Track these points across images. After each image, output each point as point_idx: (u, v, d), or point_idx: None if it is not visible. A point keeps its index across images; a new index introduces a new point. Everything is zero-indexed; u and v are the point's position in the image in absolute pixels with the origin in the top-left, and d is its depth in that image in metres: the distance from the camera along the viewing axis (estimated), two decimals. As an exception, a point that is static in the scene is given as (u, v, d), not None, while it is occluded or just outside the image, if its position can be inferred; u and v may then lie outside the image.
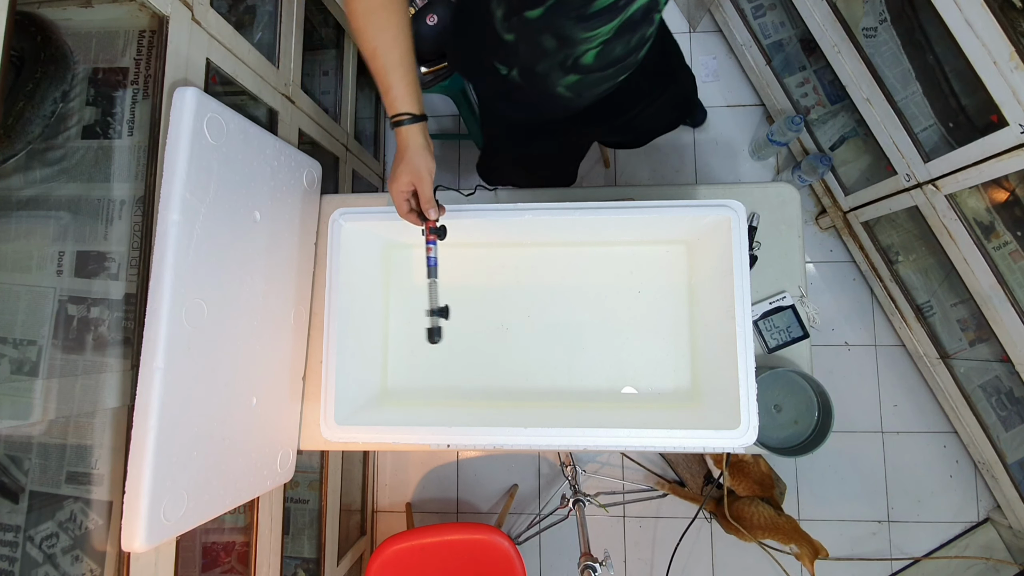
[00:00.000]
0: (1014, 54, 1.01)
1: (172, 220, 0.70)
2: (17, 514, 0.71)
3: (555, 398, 1.00)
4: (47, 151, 0.76)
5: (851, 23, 1.40)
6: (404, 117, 0.74)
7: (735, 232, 0.86)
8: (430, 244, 0.80)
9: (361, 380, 0.98)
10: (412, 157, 0.75)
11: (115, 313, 0.75)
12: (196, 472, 0.74)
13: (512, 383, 1.02)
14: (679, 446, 0.86)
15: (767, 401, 0.98)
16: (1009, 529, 1.59)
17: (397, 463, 1.83)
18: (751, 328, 0.85)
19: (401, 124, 0.74)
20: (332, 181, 1.44)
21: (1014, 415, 1.52)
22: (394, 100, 0.73)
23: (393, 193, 0.78)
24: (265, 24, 1.12)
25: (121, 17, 0.77)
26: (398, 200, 0.78)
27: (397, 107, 0.74)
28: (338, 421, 0.89)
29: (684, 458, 1.70)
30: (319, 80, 1.52)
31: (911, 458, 1.71)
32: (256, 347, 0.87)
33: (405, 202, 0.79)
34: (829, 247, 1.79)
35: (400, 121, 0.74)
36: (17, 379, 0.71)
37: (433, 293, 0.80)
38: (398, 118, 0.74)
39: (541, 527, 1.66)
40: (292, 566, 1.31)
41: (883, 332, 1.75)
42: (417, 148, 0.75)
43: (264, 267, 0.89)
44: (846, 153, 1.67)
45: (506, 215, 0.90)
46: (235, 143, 0.81)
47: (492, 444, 0.88)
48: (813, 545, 1.43)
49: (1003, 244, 1.30)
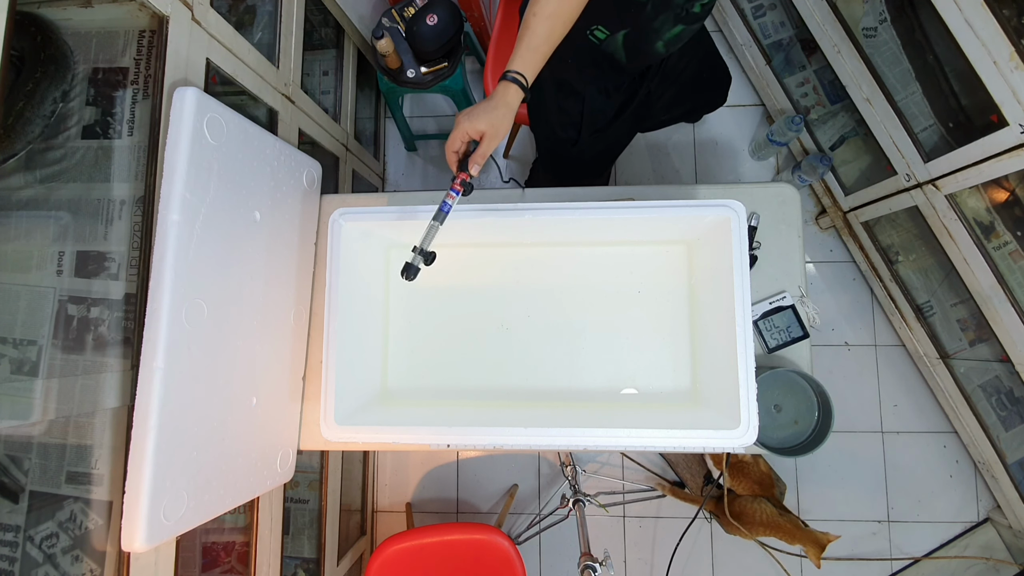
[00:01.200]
0: (1014, 54, 1.01)
1: (172, 220, 0.70)
2: (17, 514, 0.71)
3: (555, 398, 1.00)
4: (47, 151, 0.76)
5: (851, 23, 1.40)
6: (518, 76, 0.76)
7: (735, 232, 0.86)
8: (453, 192, 0.78)
9: (361, 380, 0.98)
10: (503, 114, 0.76)
11: (115, 313, 0.75)
12: (196, 472, 0.74)
13: (512, 383, 1.02)
14: (679, 446, 0.86)
15: (767, 401, 0.98)
16: (1009, 529, 1.59)
17: (397, 463, 1.83)
18: (751, 328, 0.85)
19: (512, 80, 0.76)
20: (332, 181, 1.44)
21: (1014, 415, 1.52)
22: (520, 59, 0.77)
23: (461, 126, 0.77)
24: (265, 24, 1.12)
25: (121, 17, 0.77)
26: (458, 134, 0.77)
27: (517, 65, 0.77)
28: (338, 421, 0.89)
29: (684, 458, 1.70)
30: (319, 80, 1.52)
31: (911, 458, 1.71)
32: (256, 347, 0.87)
33: (462, 142, 0.78)
34: (829, 247, 1.79)
35: (514, 78, 0.76)
36: (17, 379, 0.71)
37: (429, 235, 0.78)
38: (513, 74, 0.76)
39: (541, 527, 1.66)
40: (292, 566, 1.31)
41: (883, 332, 1.75)
42: (510, 108, 0.77)
43: (264, 267, 0.89)
44: (846, 153, 1.67)
45: (506, 215, 0.90)
46: (235, 143, 0.81)
47: (492, 444, 0.88)
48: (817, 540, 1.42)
49: (1003, 244, 1.30)
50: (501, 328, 1.04)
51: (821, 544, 1.42)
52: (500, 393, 1.01)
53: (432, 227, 0.78)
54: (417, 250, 0.78)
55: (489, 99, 0.77)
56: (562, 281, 1.04)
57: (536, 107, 1.18)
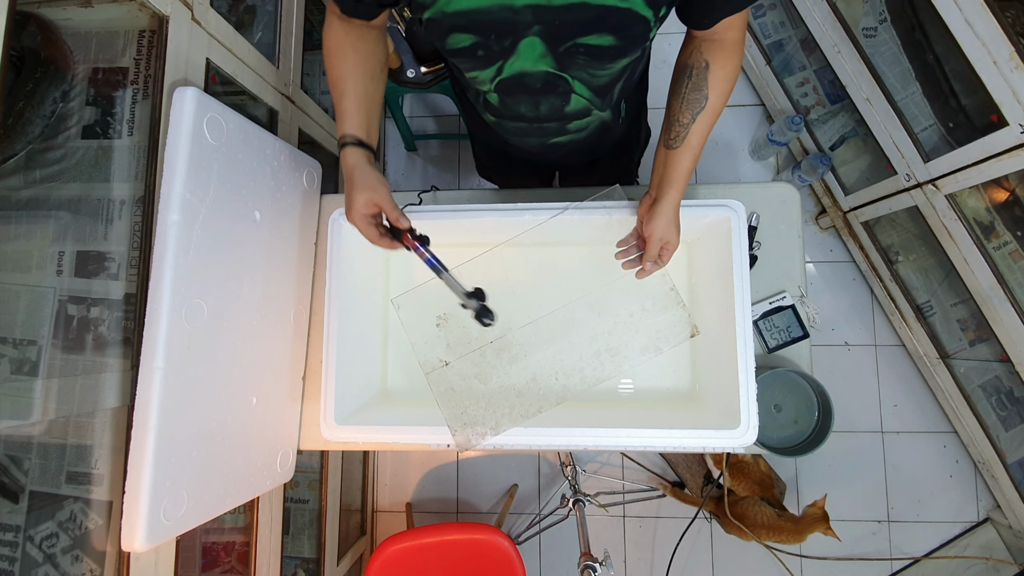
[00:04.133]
0: (1014, 54, 1.01)
1: (172, 220, 0.70)
2: (17, 514, 0.71)
3: (555, 398, 1.00)
4: (47, 151, 0.76)
5: (851, 23, 1.40)
6: (348, 139, 0.72)
7: (735, 232, 0.86)
8: (420, 250, 0.76)
9: (361, 380, 0.98)
10: (363, 175, 0.71)
11: (115, 313, 0.75)
12: (196, 472, 0.74)
13: (512, 383, 1.02)
14: (679, 446, 0.86)
15: (767, 401, 0.98)
16: (1009, 529, 1.59)
17: (397, 463, 1.83)
18: (751, 328, 0.85)
19: (344, 146, 0.72)
20: (332, 181, 1.44)
21: (1014, 415, 1.52)
22: (344, 121, 0.73)
23: (356, 222, 0.73)
24: (265, 24, 1.12)
25: (121, 17, 0.77)
26: (364, 227, 0.73)
27: (343, 127, 0.73)
28: (338, 421, 0.89)
29: (684, 458, 1.70)
30: (319, 80, 1.52)
31: (911, 458, 1.71)
32: (256, 347, 0.87)
33: (373, 227, 0.74)
34: (829, 247, 1.79)
35: (344, 143, 0.72)
36: (17, 379, 0.71)
37: (453, 284, 0.77)
38: (342, 139, 0.73)
39: (541, 527, 1.66)
40: (292, 566, 1.31)
41: (883, 332, 1.75)
42: (365, 166, 0.72)
43: (264, 267, 0.89)
44: (846, 153, 1.67)
45: (505, 215, 0.90)
46: (235, 143, 0.81)
47: (492, 444, 0.88)
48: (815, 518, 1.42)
49: (1003, 244, 1.30)
50: (500, 328, 1.03)
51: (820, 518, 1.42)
52: (500, 393, 1.01)
53: (446, 279, 0.77)
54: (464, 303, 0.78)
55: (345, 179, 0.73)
56: (562, 281, 1.04)
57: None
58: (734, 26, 0.68)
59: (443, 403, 0.91)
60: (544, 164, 1.10)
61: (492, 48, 0.63)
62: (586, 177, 1.11)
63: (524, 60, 0.65)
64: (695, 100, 0.71)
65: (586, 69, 0.68)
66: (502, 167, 1.18)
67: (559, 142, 0.88)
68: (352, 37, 0.73)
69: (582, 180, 1.14)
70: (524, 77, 0.69)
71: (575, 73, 0.69)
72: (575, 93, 0.73)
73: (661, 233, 0.76)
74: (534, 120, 0.80)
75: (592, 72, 0.69)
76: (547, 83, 0.70)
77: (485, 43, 0.63)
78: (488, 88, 0.73)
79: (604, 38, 0.62)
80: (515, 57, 0.65)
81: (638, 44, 0.65)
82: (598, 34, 0.61)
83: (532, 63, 0.66)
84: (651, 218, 0.77)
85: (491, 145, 1.08)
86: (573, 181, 1.20)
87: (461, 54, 0.65)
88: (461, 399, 0.93)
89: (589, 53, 0.64)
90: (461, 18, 0.60)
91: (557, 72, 0.68)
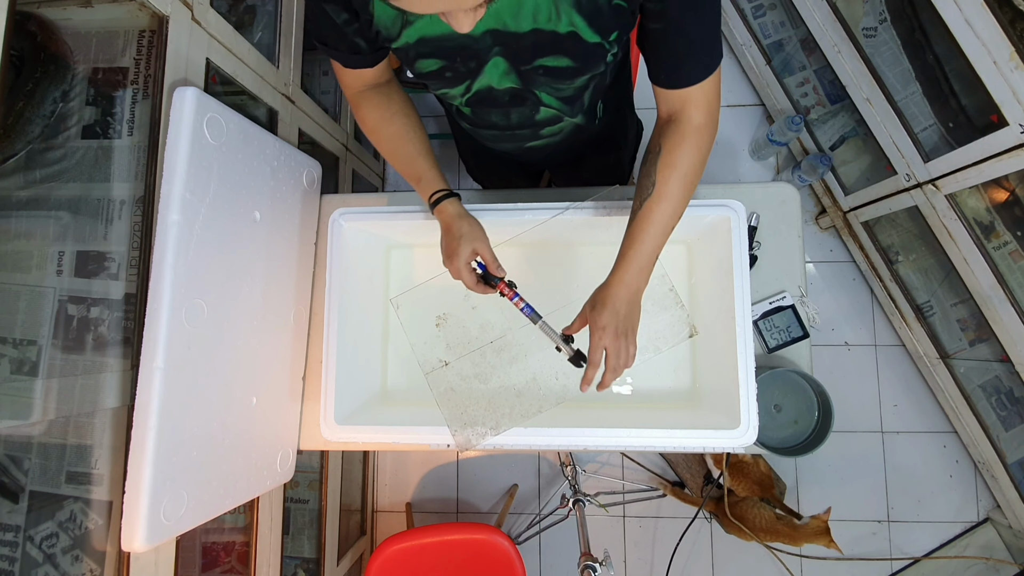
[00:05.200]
0: (1014, 54, 1.01)
1: (172, 220, 0.70)
2: (17, 514, 0.71)
3: (555, 398, 1.00)
4: (47, 151, 0.76)
5: (851, 23, 1.40)
6: (443, 192, 0.76)
7: (735, 232, 0.86)
8: (515, 299, 0.78)
9: (361, 380, 0.99)
10: (464, 226, 0.75)
11: (115, 313, 0.75)
12: (196, 472, 0.74)
13: (512, 383, 1.02)
14: (679, 446, 0.86)
15: (767, 401, 0.98)
16: (1009, 529, 1.59)
17: (397, 463, 1.83)
18: (751, 328, 0.85)
19: (439, 202, 0.76)
20: (332, 181, 1.44)
21: (1014, 415, 1.52)
22: (427, 183, 0.76)
23: (458, 270, 0.75)
24: (265, 24, 1.12)
25: (121, 17, 0.77)
26: (466, 275, 0.75)
27: (429, 189, 0.76)
28: (338, 421, 0.89)
29: (684, 458, 1.70)
30: (319, 80, 1.52)
31: (911, 458, 1.71)
32: (256, 347, 0.87)
33: (472, 273, 0.76)
34: (829, 247, 1.79)
35: (437, 200, 0.76)
36: (17, 379, 0.71)
37: (549, 331, 0.78)
38: (434, 197, 0.76)
39: (541, 527, 1.66)
40: (292, 566, 1.31)
41: (883, 332, 1.75)
42: (463, 216, 0.76)
43: (264, 267, 0.89)
44: (846, 153, 1.67)
45: (506, 215, 0.90)
46: (235, 143, 0.81)
47: (492, 444, 0.88)
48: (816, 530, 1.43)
49: (1003, 244, 1.30)
50: (500, 328, 1.03)
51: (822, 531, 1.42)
52: (500, 393, 1.01)
53: (542, 326, 0.78)
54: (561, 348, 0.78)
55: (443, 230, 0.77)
56: (562, 281, 1.04)
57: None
58: (695, 104, 0.65)
59: (443, 403, 0.91)
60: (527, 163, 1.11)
61: (459, 70, 0.66)
62: (575, 173, 1.11)
63: (490, 77, 0.67)
64: (644, 187, 0.69)
65: (549, 85, 0.69)
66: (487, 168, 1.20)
67: (535, 146, 0.89)
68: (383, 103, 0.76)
69: (571, 177, 1.14)
70: (492, 92, 0.70)
71: (539, 88, 0.70)
72: (543, 105, 0.74)
73: (604, 323, 0.68)
74: (506, 128, 0.81)
75: (555, 87, 0.70)
76: (514, 96, 0.72)
77: (452, 66, 0.65)
78: (460, 102, 0.75)
79: (561, 60, 0.63)
80: (481, 76, 0.67)
81: (596, 64, 0.66)
82: (555, 56, 0.63)
83: (497, 80, 0.68)
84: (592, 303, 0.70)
85: (473, 148, 1.09)
86: (563, 178, 1.20)
87: (430, 76, 0.68)
88: (461, 399, 0.93)
89: (549, 73, 0.66)
90: (425, 46, 0.63)
91: (522, 88, 0.69)
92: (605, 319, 0.68)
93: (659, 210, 0.67)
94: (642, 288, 0.71)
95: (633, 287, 0.69)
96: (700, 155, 0.68)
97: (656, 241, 0.69)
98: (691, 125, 0.67)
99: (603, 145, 1.03)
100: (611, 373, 0.70)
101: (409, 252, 1.10)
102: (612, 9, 0.57)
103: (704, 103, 0.66)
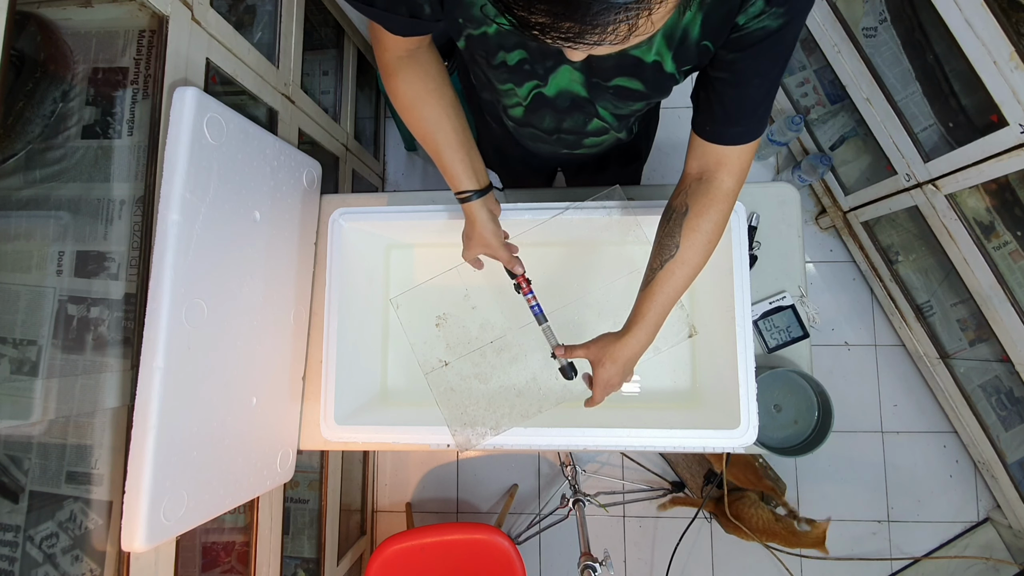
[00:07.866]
0: (1014, 54, 1.01)
1: (172, 220, 0.70)
2: (17, 514, 0.71)
3: (555, 398, 1.00)
4: (47, 151, 0.76)
5: (851, 23, 1.40)
6: (467, 194, 0.77)
7: (735, 232, 0.86)
8: (528, 296, 0.83)
9: (361, 380, 0.99)
10: (481, 231, 0.79)
11: (115, 313, 0.75)
12: (196, 472, 0.74)
13: (512, 383, 1.02)
14: (679, 446, 0.86)
15: (767, 401, 0.98)
16: (1009, 529, 1.59)
17: (397, 463, 1.83)
18: (751, 328, 0.85)
19: (466, 200, 0.77)
20: (332, 181, 1.44)
21: (1014, 415, 1.52)
22: (453, 179, 0.77)
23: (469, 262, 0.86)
24: (265, 24, 1.12)
25: (121, 17, 0.77)
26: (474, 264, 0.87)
27: (457, 185, 0.77)
28: (338, 421, 0.89)
29: (684, 458, 1.70)
30: (319, 80, 1.52)
31: (911, 458, 1.71)
32: (256, 347, 0.87)
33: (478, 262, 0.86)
34: (829, 247, 1.79)
35: (465, 198, 0.77)
36: (17, 379, 0.71)
37: (549, 335, 0.82)
38: (461, 195, 0.77)
39: (541, 527, 1.66)
40: (292, 566, 1.31)
41: (883, 332, 1.75)
42: (483, 222, 0.79)
43: (264, 267, 0.89)
44: (846, 153, 1.67)
45: (506, 215, 0.90)
46: (235, 143, 0.81)
47: (492, 444, 0.88)
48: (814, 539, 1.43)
49: (1003, 244, 1.30)
50: (500, 328, 1.04)
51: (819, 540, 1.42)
52: (500, 393, 1.01)
53: (545, 328, 0.83)
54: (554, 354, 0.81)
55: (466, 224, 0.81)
56: (562, 281, 1.04)
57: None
58: (729, 168, 0.66)
59: (443, 403, 0.91)
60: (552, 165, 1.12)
61: (536, 66, 0.65)
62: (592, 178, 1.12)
63: (561, 81, 0.67)
64: (666, 247, 0.69)
65: (612, 102, 0.70)
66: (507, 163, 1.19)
67: (573, 153, 0.89)
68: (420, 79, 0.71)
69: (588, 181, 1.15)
70: (558, 95, 0.70)
71: (602, 103, 0.71)
72: (598, 117, 0.75)
73: (610, 379, 0.73)
74: (553, 132, 0.81)
75: (617, 104, 0.71)
76: (575, 104, 0.72)
77: (531, 60, 0.64)
78: (517, 100, 0.74)
79: (634, 83, 0.64)
80: (554, 77, 0.67)
81: (663, 92, 0.67)
82: (630, 78, 0.64)
83: (567, 84, 0.68)
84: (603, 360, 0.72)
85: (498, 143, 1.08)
86: (579, 182, 1.21)
87: (505, 68, 0.66)
88: (461, 399, 0.93)
89: (618, 92, 0.67)
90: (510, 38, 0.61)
91: (587, 98, 0.70)
92: (613, 376, 0.72)
93: (680, 274, 0.69)
94: (650, 343, 0.73)
95: (643, 344, 0.72)
96: (724, 222, 0.69)
97: (672, 302, 0.70)
98: (721, 190, 0.67)
99: (626, 155, 1.05)
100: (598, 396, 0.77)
101: (409, 252, 1.10)
102: (699, 48, 0.58)
103: (738, 169, 0.66)
